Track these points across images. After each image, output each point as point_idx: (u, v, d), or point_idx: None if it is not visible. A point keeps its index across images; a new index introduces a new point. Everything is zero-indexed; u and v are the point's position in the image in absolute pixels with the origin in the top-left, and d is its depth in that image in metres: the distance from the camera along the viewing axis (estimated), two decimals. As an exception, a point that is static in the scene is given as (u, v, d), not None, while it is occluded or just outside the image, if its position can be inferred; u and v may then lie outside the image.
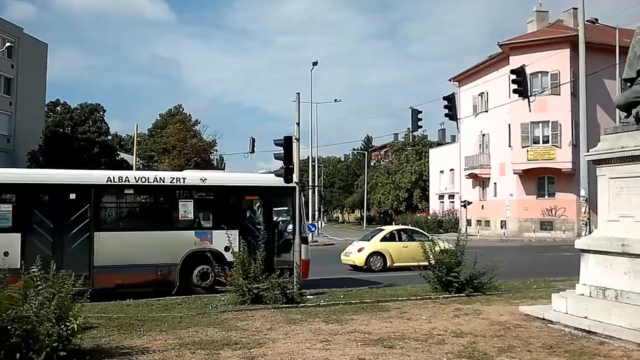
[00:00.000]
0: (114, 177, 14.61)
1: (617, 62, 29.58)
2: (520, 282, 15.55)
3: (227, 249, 13.85)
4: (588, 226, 15.60)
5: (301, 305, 12.17)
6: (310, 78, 47.63)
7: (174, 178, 15.26)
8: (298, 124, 14.74)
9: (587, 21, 31.70)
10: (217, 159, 73.08)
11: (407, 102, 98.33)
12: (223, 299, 12.75)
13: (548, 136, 42.06)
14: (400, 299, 12.87)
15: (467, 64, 62.85)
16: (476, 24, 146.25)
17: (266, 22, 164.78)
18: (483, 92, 48.27)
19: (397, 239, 21.86)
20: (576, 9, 29.54)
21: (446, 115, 28.02)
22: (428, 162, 65.47)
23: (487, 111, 46.94)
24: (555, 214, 42.40)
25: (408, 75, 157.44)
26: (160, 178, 15.15)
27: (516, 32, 51.14)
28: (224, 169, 58.87)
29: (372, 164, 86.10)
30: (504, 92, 37.03)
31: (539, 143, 42.47)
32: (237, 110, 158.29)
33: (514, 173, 43.55)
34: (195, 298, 13.37)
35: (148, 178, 15.09)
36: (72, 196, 14.10)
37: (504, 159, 45.14)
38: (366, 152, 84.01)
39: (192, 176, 15.91)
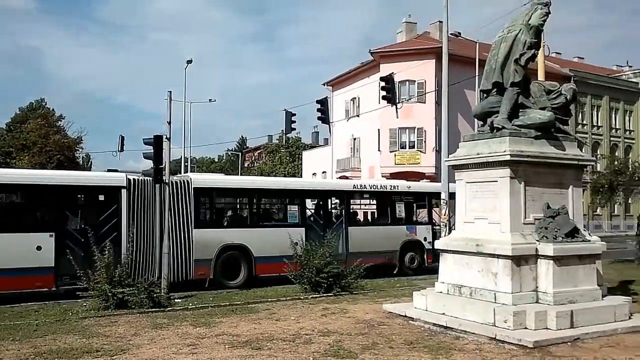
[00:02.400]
0: (357, 185, 19.88)
1: (477, 74, 31.58)
2: (384, 281, 16.19)
3: (425, 239, 19.18)
4: (448, 227, 16.51)
5: (168, 309, 11.84)
6: (184, 76, 46.51)
7: (392, 186, 20.00)
8: (169, 122, 14.35)
9: (451, 34, 33.66)
10: (82, 157, 69.24)
11: (281, 104, 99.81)
12: (85, 304, 12.11)
13: (414, 141, 44.08)
14: (270, 300, 12.91)
15: (341, 69, 64.50)
16: (350, 31, 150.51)
17: (140, 17, 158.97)
18: (355, 97, 49.67)
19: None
20: (442, 22, 31.35)
21: (319, 118, 28.60)
22: (301, 164, 66.24)
23: (358, 116, 48.36)
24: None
25: (283, 77, 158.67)
26: (382, 185, 19.96)
27: (387, 41, 53.00)
28: (90, 168, 55.79)
29: (246, 165, 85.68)
30: (374, 98, 38.26)
31: (405, 148, 44.40)
32: (107, 107, 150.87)
33: (383, 176, 45.10)
34: (54, 304, 12.64)
35: (377, 186, 19.72)
36: (334, 199, 18.93)
37: (373, 163, 46.68)
38: (240, 153, 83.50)
39: (402, 184, 20.71)
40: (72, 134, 65.99)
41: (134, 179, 14.76)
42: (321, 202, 18.45)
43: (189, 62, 43.51)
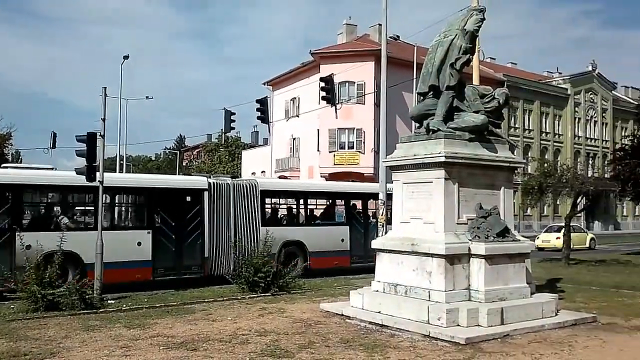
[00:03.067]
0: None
1: (415, 76, 32.19)
2: (322, 280, 16.27)
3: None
4: (384, 227, 16.75)
5: (101, 310, 11.51)
6: (120, 72, 45.36)
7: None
8: (104, 119, 13.95)
9: (390, 37, 34.20)
10: (12, 153, 66.41)
11: (221, 103, 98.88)
12: (12, 307, 11.64)
13: (353, 142, 44.50)
14: (206, 300, 12.75)
15: (282, 69, 64.39)
16: (291, 31, 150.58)
17: (74, 10, 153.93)
18: (295, 98, 49.73)
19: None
20: (381, 25, 31.78)
21: (258, 118, 28.55)
22: (241, 163, 65.81)
23: (298, 116, 48.45)
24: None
25: (223, 76, 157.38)
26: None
27: (328, 43, 53.33)
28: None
29: (184, 164, 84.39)
30: (314, 99, 38.54)
31: (344, 148, 44.76)
32: (39, 102, 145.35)
33: (322, 176, 45.36)
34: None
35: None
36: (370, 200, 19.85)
37: (312, 163, 46.84)
38: (178, 152, 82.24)
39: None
40: (1, 130, 63.19)
41: (213, 183, 16.40)
42: (361, 203, 20.01)
43: (126, 57, 42.49)
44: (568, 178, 21.53)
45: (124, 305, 12.09)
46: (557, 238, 30.59)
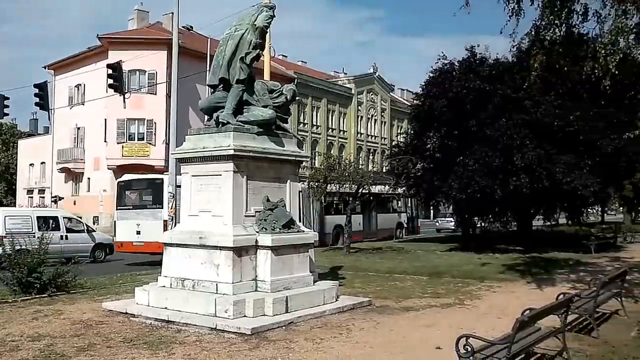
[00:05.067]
0: None
1: (208, 68, 31.92)
2: (107, 278, 15.43)
3: None
4: (174, 221, 16.42)
5: None
6: None
7: None
8: None
9: (183, 27, 33.63)
10: None
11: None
12: None
13: (144, 133, 42.95)
14: (-32, 306, 11.35)
15: (67, 53, 59.76)
16: (79, 13, 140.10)
17: None
18: (80, 84, 46.57)
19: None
20: (174, 13, 31.01)
21: (37, 104, 26.10)
22: (17, 153, 59.92)
23: (83, 104, 45.50)
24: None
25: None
26: None
27: (119, 28, 50.66)
28: None
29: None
30: (101, 86, 36.32)
31: (134, 140, 43.01)
32: None
33: (109, 168, 43.15)
34: None
35: None
36: None
37: (98, 154, 44.35)
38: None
39: None
40: None
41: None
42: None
43: None
44: (350, 172, 23.14)
45: None
46: None
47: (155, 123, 42.44)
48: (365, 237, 30.32)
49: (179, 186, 11.94)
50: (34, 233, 17.22)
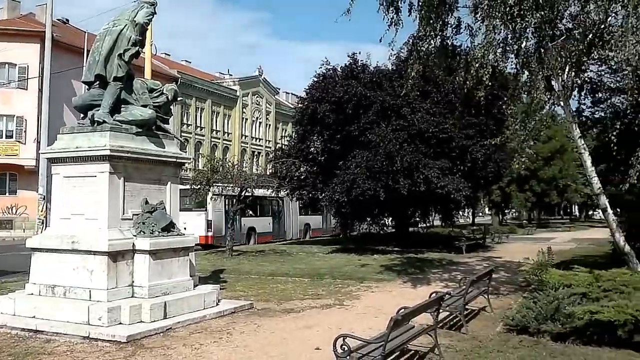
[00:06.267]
0: None
1: (85, 64, 30.52)
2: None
3: None
4: (45, 224, 15.49)
5: None
6: None
7: None
8: None
9: (59, 19, 31.84)
10: None
11: None
12: None
13: (12, 131, 40.14)
14: None
15: None
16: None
17: None
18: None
19: None
20: (47, 5, 29.33)
21: None
22: None
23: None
24: (17, 212, 40.80)
25: None
26: None
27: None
28: None
29: None
30: (-37, 79, 33.68)
31: (2, 137, 40.11)
32: None
33: (-28, 168, 40.00)
34: None
35: None
36: None
37: (-41, 152, 40.95)
38: None
39: None
40: None
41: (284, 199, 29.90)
42: None
43: None
44: (233, 174, 22.98)
45: None
46: None
47: (25, 120, 39.80)
48: (274, 239, 32.59)
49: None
50: None
